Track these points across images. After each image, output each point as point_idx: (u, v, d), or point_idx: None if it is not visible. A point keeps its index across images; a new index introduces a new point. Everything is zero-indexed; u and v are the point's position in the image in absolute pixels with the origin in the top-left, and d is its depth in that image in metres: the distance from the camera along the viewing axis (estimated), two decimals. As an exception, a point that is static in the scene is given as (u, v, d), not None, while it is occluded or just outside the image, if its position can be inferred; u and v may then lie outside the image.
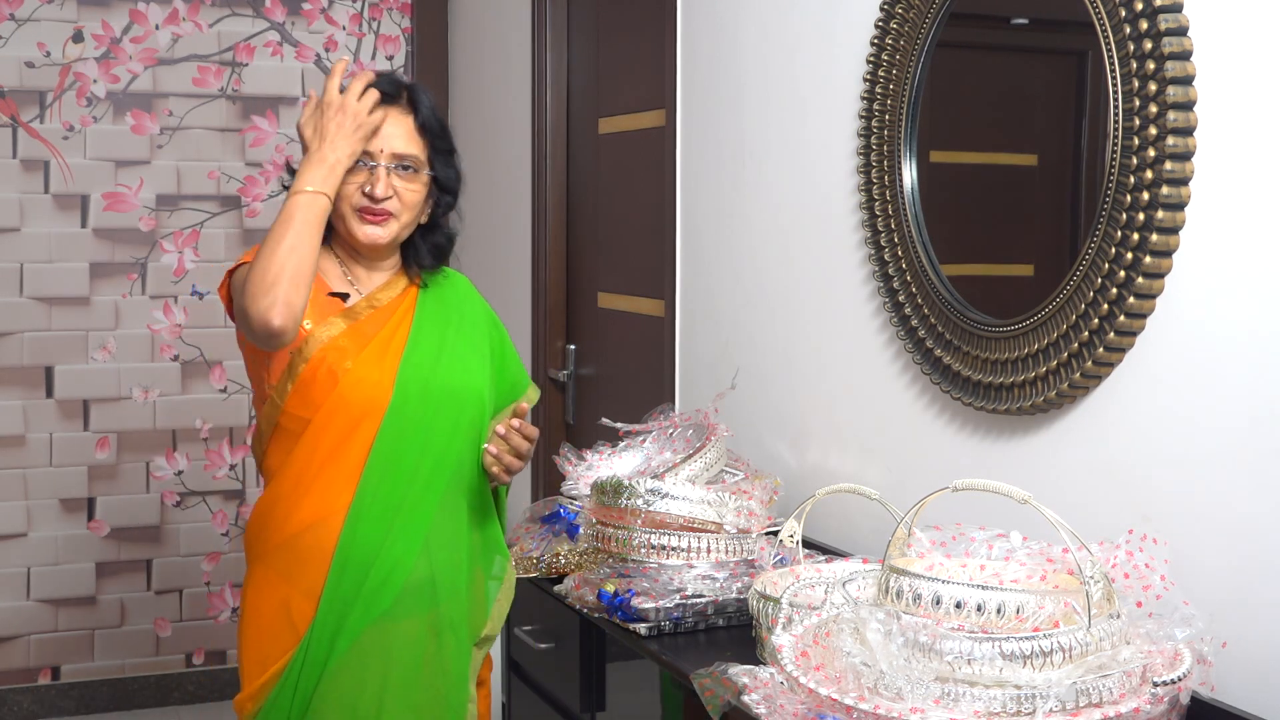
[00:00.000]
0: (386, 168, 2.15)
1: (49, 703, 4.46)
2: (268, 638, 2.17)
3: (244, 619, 2.22)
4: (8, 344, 4.37)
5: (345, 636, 2.13)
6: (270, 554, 2.18)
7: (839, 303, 2.55)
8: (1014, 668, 1.49)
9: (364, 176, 2.15)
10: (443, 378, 2.19)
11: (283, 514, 2.16)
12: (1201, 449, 1.77)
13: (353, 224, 2.17)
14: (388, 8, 4.70)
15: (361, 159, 2.14)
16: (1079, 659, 1.51)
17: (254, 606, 2.20)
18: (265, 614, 2.18)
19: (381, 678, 2.15)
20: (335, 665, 2.13)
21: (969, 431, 2.20)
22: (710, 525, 2.31)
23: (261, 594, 2.19)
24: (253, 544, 2.22)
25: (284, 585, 2.16)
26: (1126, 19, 1.80)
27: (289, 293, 2.00)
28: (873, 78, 2.34)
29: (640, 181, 3.41)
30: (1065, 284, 1.92)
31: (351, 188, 2.14)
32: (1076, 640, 1.51)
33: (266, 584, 2.19)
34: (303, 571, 2.15)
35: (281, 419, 2.16)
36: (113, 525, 4.50)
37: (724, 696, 1.69)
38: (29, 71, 4.35)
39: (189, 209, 4.52)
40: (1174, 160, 1.76)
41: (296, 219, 2.04)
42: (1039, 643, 1.50)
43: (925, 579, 1.60)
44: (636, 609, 2.15)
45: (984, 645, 1.50)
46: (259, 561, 2.21)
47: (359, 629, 2.13)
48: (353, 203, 2.15)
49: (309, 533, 2.14)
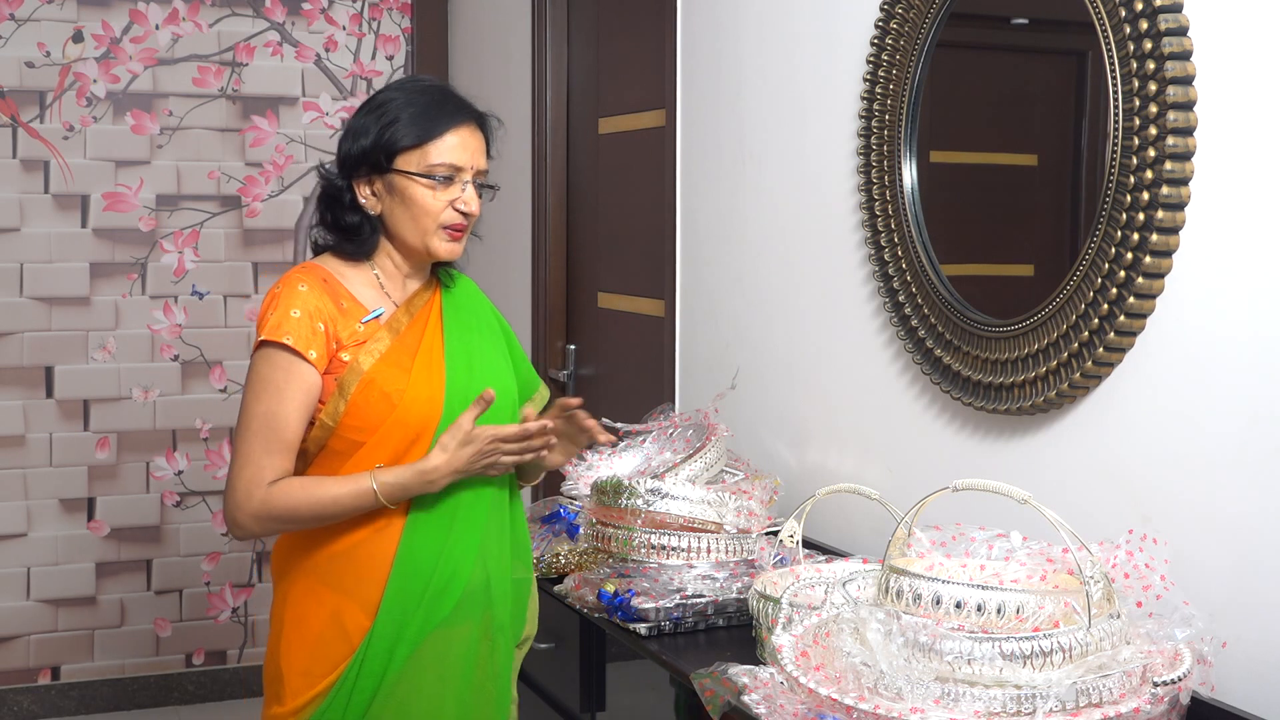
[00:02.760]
0: (475, 184, 2.12)
1: (49, 703, 4.46)
2: (316, 651, 2.11)
3: (286, 632, 2.14)
4: (8, 344, 4.37)
5: (405, 645, 2.08)
6: (319, 566, 2.12)
7: (839, 303, 2.55)
8: (1014, 668, 1.49)
9: (454, 192, 2.10)
10: (479, 384, 2.15)
11: (334, 525, 2.10)
12: (1201, 449, 1.77)
13: (435, 240, 2.11)
14: (388, 8, 4.70)
15: (450, 173, 2.09)
16: (1079, 659, 1.51)
17: (298, 619, 2.13)
18: (313, 627, 2.11)
19: (439, 684, 2.11)
20: (393, 675, 2.08)
21: (969, 431, 2.20)
22: (710, 525, 2.31)
23: (307, 606, 2.12)
24: (293, 556, 2.15)
25: (334, 596, 2.10)
26: (1126, 19, 1.80)
27: (268, 531, 2.09)
28: (873, 78, 2.34)
29: (640, 181, 3.41)
30: (1065, 284, 1.92)
31: (439, 204, 2.10)
32: (1076, 640, 1.51)
33: (313, 596, 2.12)
34: (356, 582, 2.09)
35: (332, 441, 2.10)
36: (113, 525, 4.50)
37: (724, 696, 1.69)
38: (29, 71, 4.35)
39: (189, 209, 4.52)
40: (1174, 160, 1.75)
41: (347, 508, 2.06)
42: (1039, 643, 1.50)
43: (925, 579, 1.60)
44: (636, 609, 2.15)
45: (984, 645, 1.50)
46: (302, 574, 2.14)
47: (419, 637, 2.09)
48: (441, 219, 2.10)
49: (364, 544, 2.09)
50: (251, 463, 2.06)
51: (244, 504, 2.05)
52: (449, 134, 2.09)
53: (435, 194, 2.09)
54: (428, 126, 2.09)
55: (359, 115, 2.14)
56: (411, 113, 2.09)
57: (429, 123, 2.09)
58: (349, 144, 2.13)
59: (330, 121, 4.64)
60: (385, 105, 2.11)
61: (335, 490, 2.05)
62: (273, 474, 2.06)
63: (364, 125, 2.11)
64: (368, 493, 2.04)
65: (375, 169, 2.10)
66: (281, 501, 2.05)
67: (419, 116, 2.09)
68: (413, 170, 2.08)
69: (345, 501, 2.05)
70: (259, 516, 2.05)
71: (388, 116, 2.09)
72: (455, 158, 2.09)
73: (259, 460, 2.06)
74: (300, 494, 2.05)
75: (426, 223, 2.10)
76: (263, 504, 2.05)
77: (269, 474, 2.05)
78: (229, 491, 2.07)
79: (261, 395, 2.07)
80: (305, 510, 2.05)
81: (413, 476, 2.05)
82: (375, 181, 2.11)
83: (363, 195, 2.12)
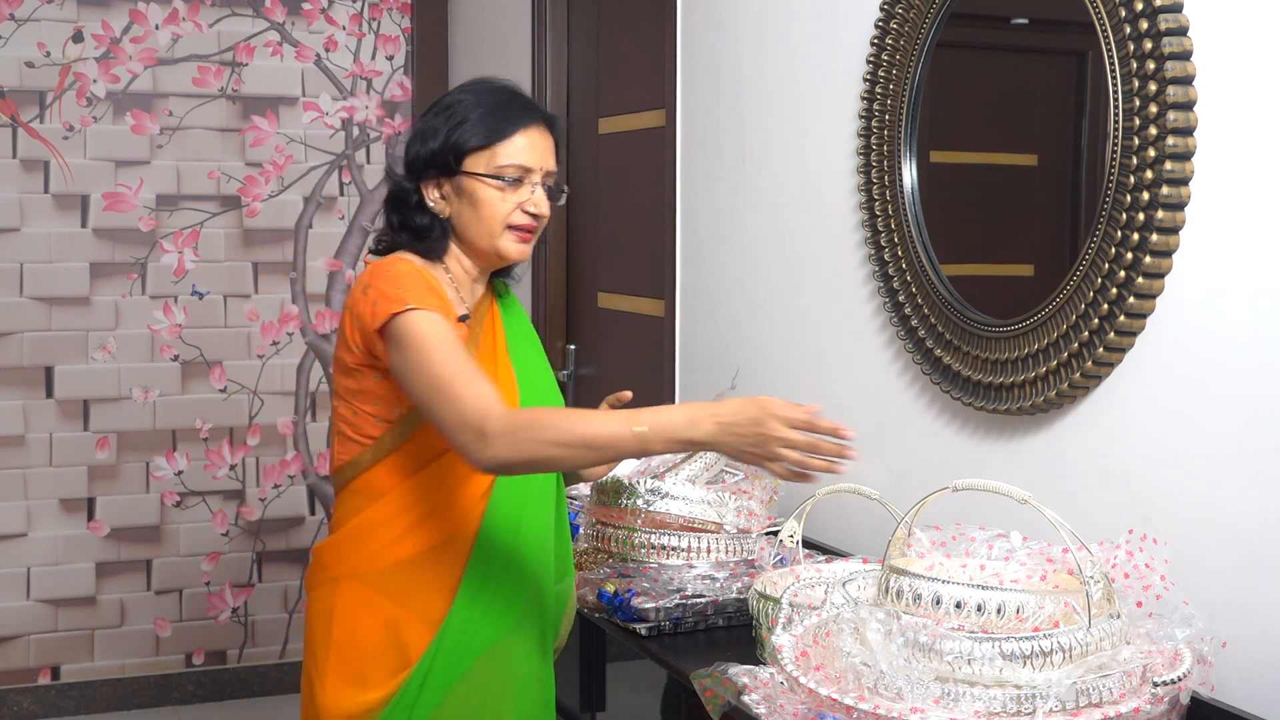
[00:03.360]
0: (545, 186, 2.08)
1: (49, 703, 4.46)
2: (368, 659, 2.04)
3: (336, 640, 2.06)
4: (8, 344, 4.37)
5: (468, 658, 2.05)
6: (377, 575, 2.04)
7: (839, 303, 2.55)
8: (1014, 668, 1.49)
9: (524, 194, 2.05)
10: (540, 394, 2.11)
11: (394, 535, 2.03)
12: (1201, 449, 1.77)
13: (504, 241, 2.06)
14: (388, 8, 4.70)
15: (519, 174, 2.05)
16: (1079, 659, 1.51)
17: (351, 626, 2.06)
18: (366, 635, 2.05)
19: (501, 698, 2.09)
20: (458, 688, 2.04)
21: (969, 431, 2.20)
22: (710, 525, 2.31)
23: (360, 614, 2.05)
24: (346, 562, 2.07)
25: (393, 607, 2.04)
26: (1126, 19, 1.80)
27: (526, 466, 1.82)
28: (873, 78, 2.34)
29: (640, 181, 3.41)
30: (1065, 284, 1.92)
31: (508, 205, 2.05)
32: (1076, 640, 1.51)
33: (368, 604, 2.05)
34: (419, 595, 2.03)
35: (409, 445, 2.02)
36: (113, 525, 4.50)
37: (724, 696, 1.68)
38: (29, 71, 4.35)
39: (189, 209, 4.52)
40: (1174, 160, 1.76)
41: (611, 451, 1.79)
42: (1039, 643, 1.50)
43: (925, 579, 1.60)
44: (636, 609, 2.15)
45: (984, 645, 1.50)
46: (358, 581, 2.06)
47: (484, 648, 2.05)
48: (510, 220, 2.05)
49: (429, 555, 2.03)
50: (470, 385, 1.84)
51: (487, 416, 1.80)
52: (518, 134, 2.06)
53: (504, 195, 2.04)
54: (496, 127, 2.05)
55: (428, 117, 2.10)
56: (480, 113, 2.05)
57: (497, 123, 2.05)
58: (417, 146, 2.08)
59: (330, 121, 4.64)
60: (454, 106, 2.07)
61: (594, 422, 1.80)
62: (497, 395, 1.85)
63: (433, 127, 2.07)
64: (632, 440, 1.77)
65: (444, 171, 2.05)
66: (529, 414, 1.83)
67: (487, 117, 2.05)
68: (481, 171, 2.04)
69: (599, 432, 1.78)
70: (504, 428, 1.78)
71: (456, 117, 2.05)
72: (524, 158, 2.05)
73: (478, 383, 1.84)
74: (554, 414, 1.82)
75: (494, 225, 2.05)
76: (505, 414, 1.80)
77: (494, 393, 1.85)
78: (456, 424, 1.82)
79: (438, 343, 1.89)
80: (558, 427, 1.78)
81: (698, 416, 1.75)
82: (444, 184, 2.07)
83: (430, 198, 2.07)
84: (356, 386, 2.05)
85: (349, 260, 4.70)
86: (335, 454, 2.11)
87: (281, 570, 4.69)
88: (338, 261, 4.68)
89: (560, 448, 1.78)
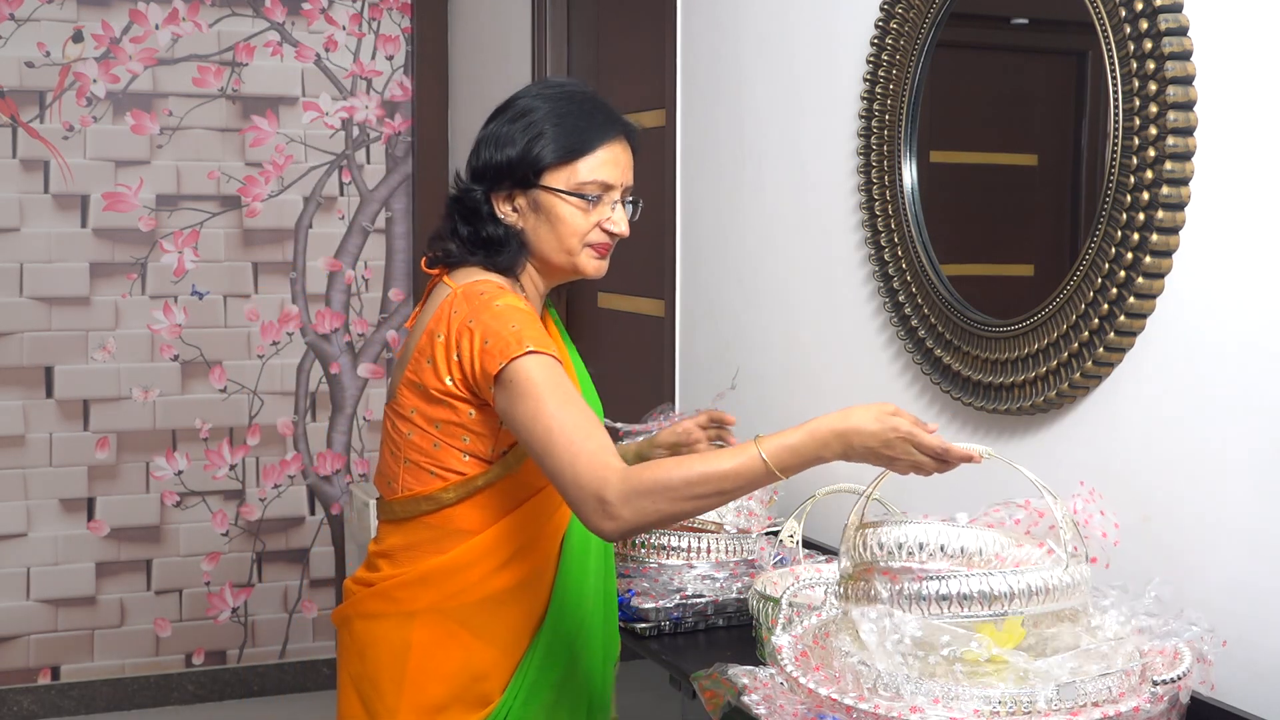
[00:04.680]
0: (626, 203, 2.00)
1: (49, 703, 4.46)
2: (449, 694, 1.96)
3: (411, 670, 1.96)
4: (8, 344, 4.37)
5: (550, 690, 2.00)
6: (460, 610, 1.95)
7: (839, 303, 2.55)
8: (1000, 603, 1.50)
9: (604, 211, 1.96)
10: (595, 406, 2.05)
11: (485, 572, 1.94)
12: (1201, 449, 1.77)
13: (583, 259, 1.97)
14: (388, 8, 4.70)
15: (599, 192, 1.95)
16: (1062, 598, 1.52)
17: (428, 657, 1.96)
18: (447, 670, 1.96)
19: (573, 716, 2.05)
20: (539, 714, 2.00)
21: (969, 431, 2.20)
22: (710, 525, 2.31)
23: (440, 647, 1.96)
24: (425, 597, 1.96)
25: (471, 639, 1.96)
26: (1126, 19, 1.80)
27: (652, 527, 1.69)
28: (873, 78, 2.34)
29: (640, 181, 3.41)
30: (1065, 284, 1.92)
31: (588, 223, 1.95)
32: (1058, 579, 1.53)
33: (446, 634, 1.96)
34: (503, 629, 1.97)
35: (505, 484, 1.93)
36: (112, 525, 4.50)
37: (724, 697, 1.68)
38: (29, 71, 4.35)
39: (189, 209, 4.52)
40: (1174, 160, 1.75)
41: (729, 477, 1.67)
42: (1026, 578, 1.52)
43: (900, 525, 1.61)
44: (636, 609, 2.15)
45: (970, 580, 1.51)
46: (439, 613, 1.96)
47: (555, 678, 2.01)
48: (589, 238, 1.96)
49: (518, 591, 1.96)
50: (586, 443, 1.72)
51: (604, 484, 1.68)
52: (600, 149, 1.95)
53: (585, 213, 1.95)
54: (578, 141, 1.94)
55: (499, 122, 1.98)
56: (560, 125, 1.94)
57: (579, 137, 1.94)
58: (490, 152, 1.96)
59: (330, 121, 4.64)
60: (529, 114, 1.95)
61: (715, 460, 1.68)
62: (612, 451, 1.73)
63: (508, 134, 1.95)
64: (755, 462, 1.66)
65: (520, 184, 1.94)
66: (648, 472, 1.67)
67: (568, 129, 1.94)
68: (561, 188, 1.93)
69: (727, 468, 1.67)
70: (624, 495, 1.67)
71: (534, 129, 1.94)
72: (606, 175, 1.95)
73: (594, 438, 1.73)
74: (670, 464, 1.68)
75: (573, 242, 1.95)
76: (623, 479, 1.68)
77: (610, 448, 1.73)
78: (573, 487, 1.71)
79: (554, 392, 1.78)
80: (679, 478, 1.66)
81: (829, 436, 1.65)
82: (517, 196, 1.96)
83: (502, 210, 1.96)
84: (444, 417, 1.91)
85: (349, 260, 4.70)
86: (403, 482, 1.96)
87: (281, 570, 4.69)
88: (338, 261, 4.68)
89: (684, 501, 1.67)
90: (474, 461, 1.92)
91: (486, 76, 4.40)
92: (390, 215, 4.74)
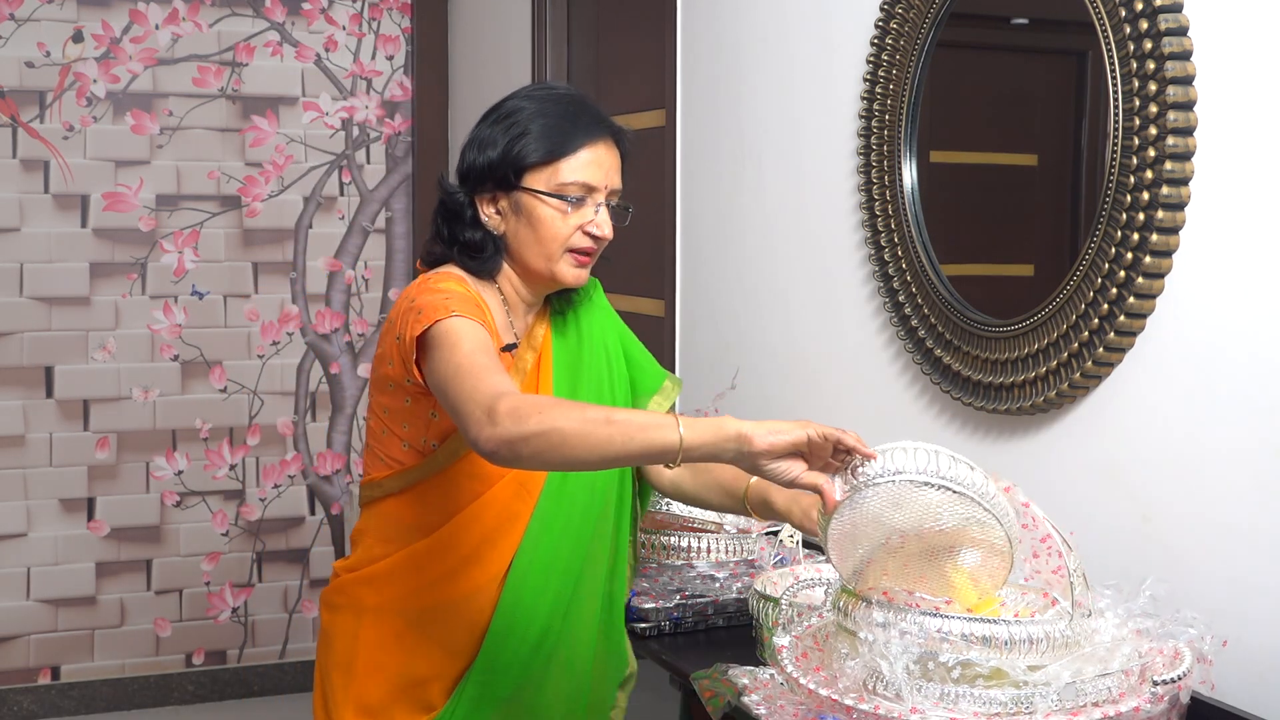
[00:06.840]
0: (609, 206, 1.94)
1: (49, 703, 4.46)
2: (382, 683, 1.97)
3: (359, 668, 1.97)
4: (8, 344, 4.37)
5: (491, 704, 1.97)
6: (406, 612, 1.96)
7: (839, 303, 2.55)
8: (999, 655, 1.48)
9: (586, 214, 1.91)
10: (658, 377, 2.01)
11: (433, 578, 1.94)
12: (1201, 449, 1.77)
13: (561, 266, 1.92)
14: (388, 8, 4.70)
15: (581, 194, 1.90)
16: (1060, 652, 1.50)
17: (376, 657, 1.97)
18: (391, 671, 1.97)
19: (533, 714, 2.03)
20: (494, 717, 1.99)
21: (969, 431, 2.20)
22: (710, 525, 2.31)
23: (383, 639, 1.97)
24: (376, 595, 1.98)
25: (415, 641, 1.96)
26: (1126, 19, 1.80)
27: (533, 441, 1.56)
28: (873, 78, 2.35)
29: (640, 181, 3.41)
30: (1065, 284, 1.92)
31: (569, 226, 1.90)
32: (1060, 632, 1.50)
33: (393, 634, 1.97)
34: (445, 634, 1.96)
35: (441, 483, 1.92)
36: (113, 525, 4.50)
37: (724, 697, 1.68)
38: (29, 71, 4.35)
39: (189, 209, 4.52)
40: (1174, 160, 1.76)
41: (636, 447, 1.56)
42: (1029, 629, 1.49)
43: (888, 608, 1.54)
44: (636, 609, 2.15)
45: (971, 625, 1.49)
46: (389, 613, 1.97)
47: (505, 694, 1.98)
48: (570, 243, 1.91)
49: (459, 602, 1.95)
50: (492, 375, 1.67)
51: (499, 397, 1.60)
52: (583, 150, 1.90)
53: (565, 216, 1.90)
54: (560, 141, 1.89)
55: (485, 124, 1.95)
56: (543, 125, 1.90)
57: (561, 137, 1.90)
58: (473, 154, 1.93)
59: (330, 121, 4.64)
60: (514, 115, 1.92)
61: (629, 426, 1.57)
62: (515, 386, 1.68)
63: (490, 136, 1.92)
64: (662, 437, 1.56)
65: (501, 185, 1.91)
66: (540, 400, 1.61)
67: (550, 130, 1.90)
68: (541, 189, 1.89)
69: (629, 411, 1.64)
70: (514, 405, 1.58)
71: (517, 129, 1.90)
72: (589, 176, 1.90)
73: (497, 375, 1.67)
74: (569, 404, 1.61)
75: (553, 247, 1.91)
76: (521, 396, 1.62)
77: (513, 385, 1.68)
78: (466, 403, 1.64)
79: (459, 344, 1.73)
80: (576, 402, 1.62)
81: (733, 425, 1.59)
82: (500, 199, 1.92)
83: (485, 213, 1.93)
84: (390, 404, 1.93)
85: (349, 260, 4.70)
86: (366, 467, 2.01)
87: (281, 570, 4.69)
88: (338, 261, 4.68)
89: (568, 420, 1.55)
90: (411, 452, 1.93)
91: (486, 76, 4.40)
92: (390, 215, 4.74)
